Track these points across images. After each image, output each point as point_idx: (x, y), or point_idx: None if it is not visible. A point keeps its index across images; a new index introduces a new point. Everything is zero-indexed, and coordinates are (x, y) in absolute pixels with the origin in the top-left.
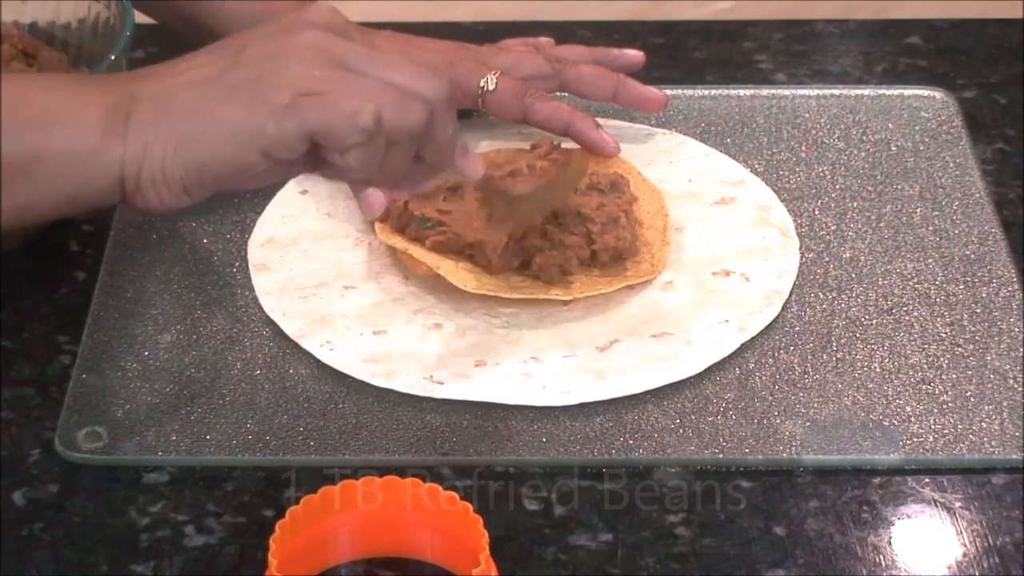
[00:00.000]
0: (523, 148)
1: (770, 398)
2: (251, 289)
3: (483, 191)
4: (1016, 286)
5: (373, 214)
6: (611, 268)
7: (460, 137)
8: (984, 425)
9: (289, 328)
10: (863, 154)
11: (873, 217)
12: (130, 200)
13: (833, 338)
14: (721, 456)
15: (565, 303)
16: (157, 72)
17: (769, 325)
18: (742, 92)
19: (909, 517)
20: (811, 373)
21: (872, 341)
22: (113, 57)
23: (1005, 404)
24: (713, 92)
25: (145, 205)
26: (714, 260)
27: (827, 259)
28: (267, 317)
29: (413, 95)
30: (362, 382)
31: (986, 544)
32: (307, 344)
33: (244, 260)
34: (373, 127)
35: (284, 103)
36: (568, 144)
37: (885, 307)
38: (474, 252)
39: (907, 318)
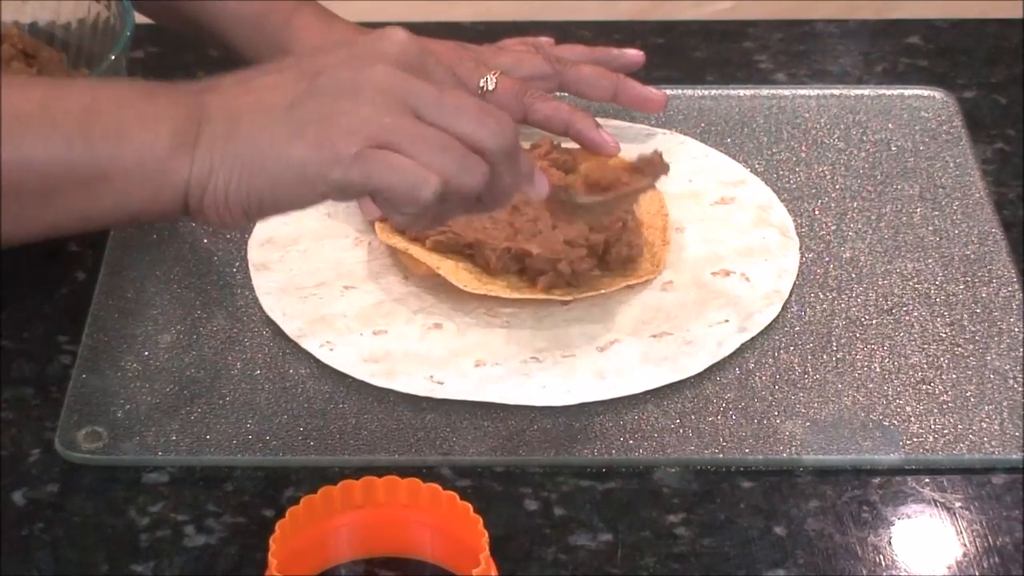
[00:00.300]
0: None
1: (770, 398)
2: (251, 289)
3: (548, 200)
4: (1016, 286)
5: (373, 215)
6: (614, 269)
7: (530, 164)
8: (984, 425)
9: (289, 328)
10: (863, 154)
11: (873, 217)
12: (192, 216)
13: (833, 338)
14: (721, 456)
15: (565, 303)
16: (227, 87)
17: (769, 325)
18: (742, 92)
19: (909, 517)
20: (811, 373)
21: (872, 341)
22: (113, 57)
23: (1005, 404)
24: (713, 92)
25: (205, 223)
26: (714, 260)
27: (827, 259)
28: (267, 317)
29: (478, 150)
30: (362, 382)
31: (986, 544)
32: (307, 344)
33: (244, 260)
34: (432, 202)
35: (351, 153)
36: (567, 144)
37: (885, 307)
38: (474, 252)
39: (907, 318)
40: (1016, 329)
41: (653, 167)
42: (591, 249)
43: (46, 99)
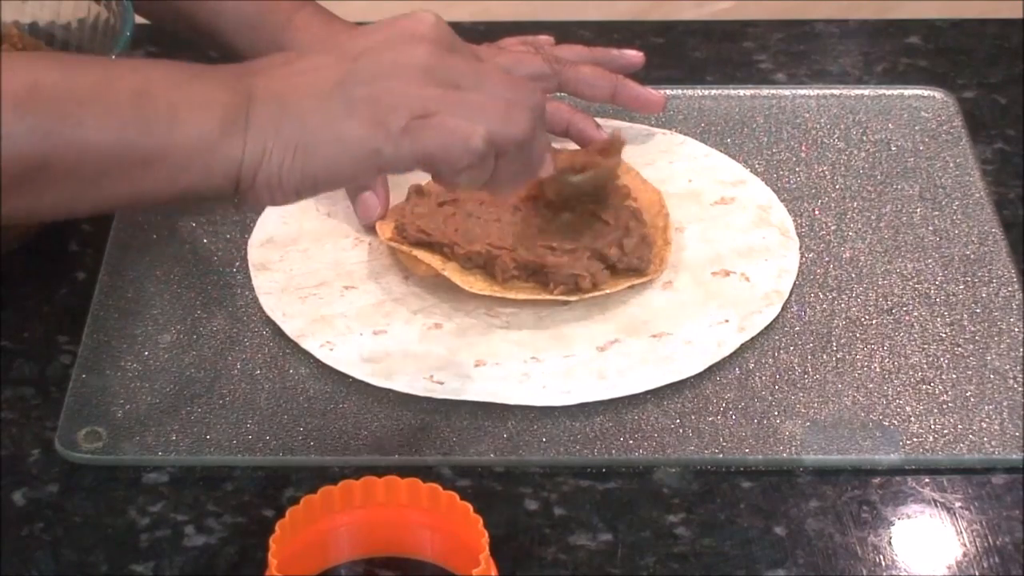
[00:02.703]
0: None
1: (770, 398)
2: (251, 289)
3: (546, 181)
4: (1016, 286)
5: (369, 218)
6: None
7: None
8: (984, 425)
9: (289, 328)
10: (863, 154)
11: (873, 217)
12: (242, 196)
13: (833, 338)
14: (721, 456)
15: (565, 303)
16: (272, 69)
17: (769, 325)
18: (742, 92)
19: (909, 517)
20: (811, 373)
21: (872, 341)
22: (113, 57)
23: (1005, 404)
24: (713, 92)
25: (256, 202)
26: (714, 260)
27: (827, 259)
28: (267, 317)
29: (515, 106)
30: (362, 382)
31: (986, 544)
32: (307, 344)
33: (244, 260)
34: (485, 149)
35: (401, 126)
36: (564, 144)
37: (885, 307)
38: (485, 263)
39: (907, 318)
40: (1016, 329)
41: (615, 146)
42: (603, 259)
43: (100, 81)
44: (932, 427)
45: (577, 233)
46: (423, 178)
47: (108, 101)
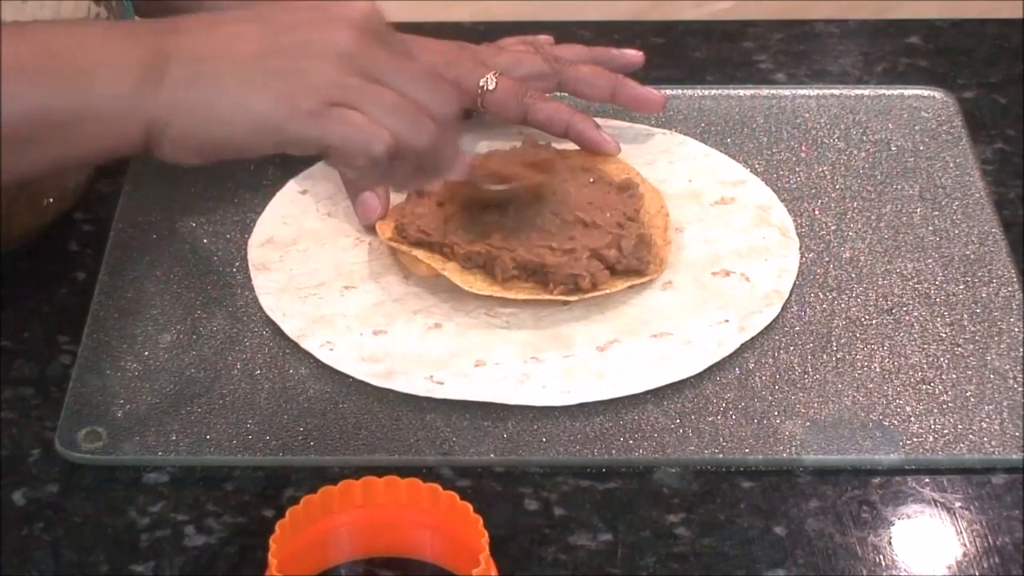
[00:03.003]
0: (516, 145)
1: (770, 398)
2: (251, 289)
3: (457, 185)
4: (1016, 286)
5: (369, 218)
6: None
7: (456, 146)
8: (984, 425)
9: (289, 328)
10: (863, 154)
11: (873, 217)
12: (148, 150)
13: (833, 338)
14: (721, 456)
15: (565, 303)
16: (193, 29)
17: (769, 325)
18: (742, 92)
19: (909, 517)
20: (811, 373)
21: (872, 341)
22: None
23: (1005, 404)
24: (713, 92)
25: (162, 158)
26: (714, 260)
27: (827, 259)
28: (267, 317)
29: (428, 113)
30: (362, 382)
31: (986, 544)
32: (307, 344)
33: (244, 260)
34: (383, 156)
35: (310, 109)
36: (565, 144)
37: (885, 307)
38: (485, 263)
39: (907, 318)
40: (1016, 329)
41: (549, 165)
42: (602, 260)
43: (13, 47)
44: (932, 427)
45: (513, 232)
46: None
47: (23, 67)
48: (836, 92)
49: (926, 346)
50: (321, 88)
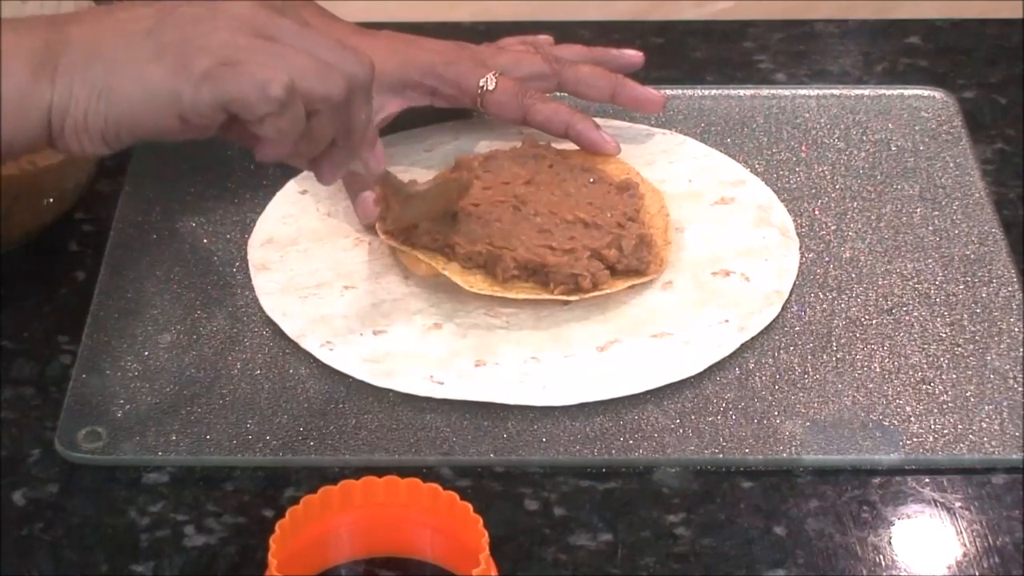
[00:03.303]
0: (516, 145)
1: (770, 398)
2: (251, 289)
3: (382, 186)
4: (1016, 286)
5: (369, 218)
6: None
7: (373, 130)
8: (984, 425)
9: (289, 328)
10: (863, 154)
11: (873, 217)
12: (54, 144)
13: (833, 338)
14: (721, 456)
15: (565, 303)
16: (90, 17)
17: (769, 325)
18: (742, 92)
19: (909, 517)
20: (811, 373)
21: (872, 341)
22: None
23: (1005, 404)
24: (713, 92)
25: (67, 149)
26: (714, 260)
27: (827, 259)
28: (267, 317)
29: (333, 67)
30: (362, 382)
31: (986, 544)
32: (307, 344)
33: (244, 260)
34: (284, 96)
35: (203, 69)
36: (565, 144)
37: (885, 307)
38: (485, 263)
39: (907, 318)
40: (1016, 329)
41: (467, 164)
42: (603, 260)
43: None
44: (932, 427)
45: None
46: (421, 177)
47: None
48: (836, 92)
49: (926, 346)
50: (213, 48)
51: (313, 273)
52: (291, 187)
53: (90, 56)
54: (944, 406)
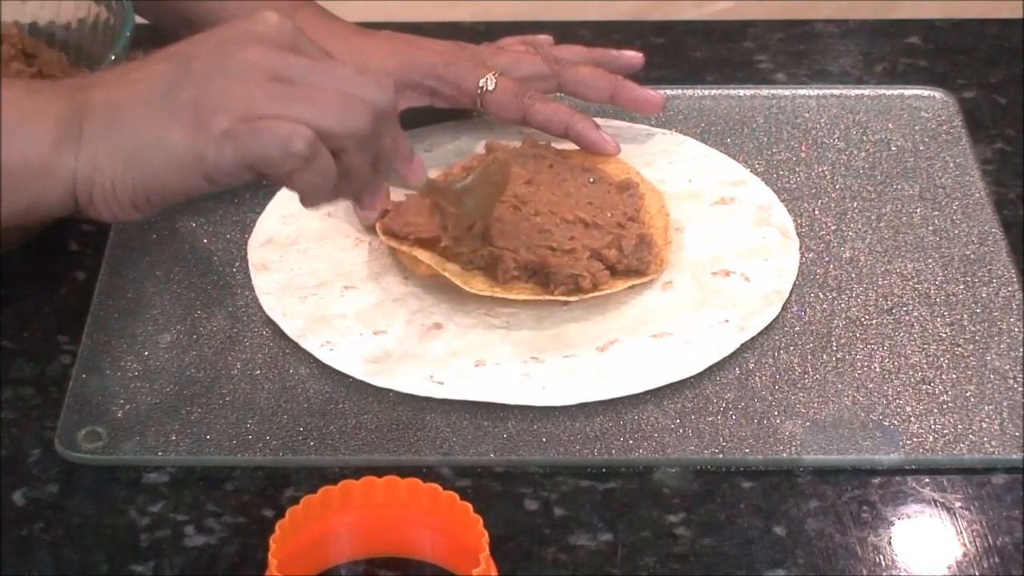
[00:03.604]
0: (516, 145)
1: (770, 398)
2: (251, 289)
3: (429, 194)
4: (1016, 286)
5: (369, 219)
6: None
7: (408, 144)
8: (984, 425)
9: (289, 328)
10: (863, 154)
11: (873, 217)
12: (83, 212)
13: (833, 338)
14: (721, 456)
15: (565, 303)
16: (110, 80)
17: (769, 325)
18: (742, 92)
19: (909, 517)
20: (811, 373)
21: (872, 341)
22: (113, 57)
23: (1005, 404)
24: (713, 92)
25: (98, 217)
26: (714, 260)
27: (827, 259)
28: (267, 317)
29: (355, 99)
30: (362, 382)
31: (986, 544)
32: (307, 344)
33: (244, 260)
34: (307, 151)
35: (222, 129)
36: (565, 144)
37: (885, 307)
38: (486, 264)
39: (907, 318)
40: (1016, 329)
41: (497, 146)
42: (604, 260)
43: None
44: (932, 427)
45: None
46: None
47: None
48: (836, 92)
49: (926, 346)
50: (231, 105)
51: (313, 273)
52: None
53: (112, 122)
54: (944, 406)
